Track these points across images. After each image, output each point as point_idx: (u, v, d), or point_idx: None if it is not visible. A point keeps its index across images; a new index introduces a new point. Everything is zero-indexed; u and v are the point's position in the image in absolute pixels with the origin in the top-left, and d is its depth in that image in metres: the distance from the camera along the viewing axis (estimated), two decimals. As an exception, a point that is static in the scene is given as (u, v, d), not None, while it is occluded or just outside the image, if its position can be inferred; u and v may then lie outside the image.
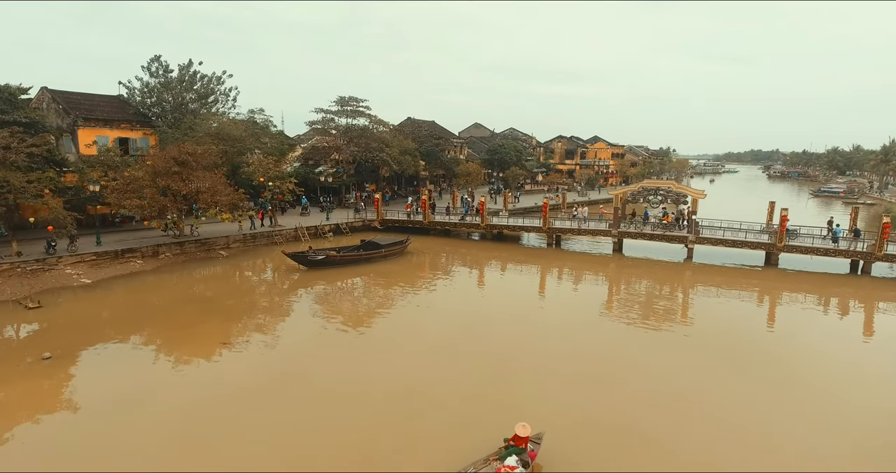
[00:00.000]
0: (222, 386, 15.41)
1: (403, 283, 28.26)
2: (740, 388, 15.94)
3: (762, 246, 31.44)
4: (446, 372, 16.70)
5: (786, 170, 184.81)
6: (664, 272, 32.09)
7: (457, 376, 16.40)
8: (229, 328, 20.62)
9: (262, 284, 28.20)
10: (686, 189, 35.17)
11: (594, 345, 19.46)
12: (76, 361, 17.35)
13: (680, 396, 15.31)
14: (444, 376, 16.42)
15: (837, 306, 26.69)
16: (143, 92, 46.57)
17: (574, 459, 12.14)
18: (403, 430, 13.25)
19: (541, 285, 29.26)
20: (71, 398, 15.01)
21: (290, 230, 38.46)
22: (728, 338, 20.24)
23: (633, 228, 34.72)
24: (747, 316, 23.64)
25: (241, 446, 12.34)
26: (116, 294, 25.02)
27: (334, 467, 11.64)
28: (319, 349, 18.93)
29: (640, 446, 12.68)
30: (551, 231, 36.75)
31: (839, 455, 12.57)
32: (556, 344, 19.29)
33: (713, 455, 12.44)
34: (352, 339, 19.68)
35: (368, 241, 32.72)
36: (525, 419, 12.00)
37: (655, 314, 23.62)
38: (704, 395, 15.47)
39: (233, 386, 15.42)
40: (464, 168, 54.59)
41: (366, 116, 50.89)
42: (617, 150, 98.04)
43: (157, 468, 11.49)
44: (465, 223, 39.64)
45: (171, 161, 30.67)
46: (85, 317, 21.52)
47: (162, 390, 15.21)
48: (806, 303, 26.43)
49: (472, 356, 17.98)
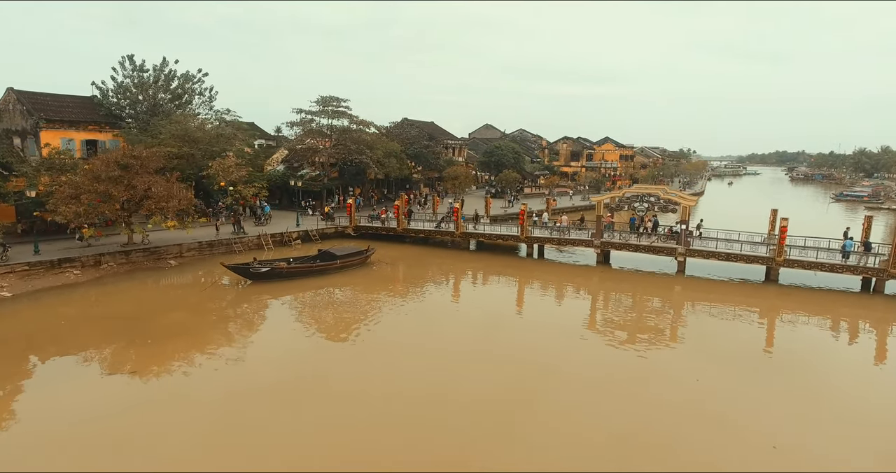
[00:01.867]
0: (108, 418, 13.03)
1: (349, 301, 25.71)
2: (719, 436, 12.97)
3: (759, 260, 28.04)
4: (363, 433, 13.93)
5: (809, 173, 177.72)
6: (651, 287, 28.95)
7: (381, 435, 13.71)
8: (137, 353, 18.26)
9: (188, 301, 25.08)
10: (677, 195, 31.87)
11: (558, 390, 16.57)
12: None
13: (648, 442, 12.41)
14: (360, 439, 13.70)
15: (844, 330, 23.31)
16: (117, 92, 45.01)
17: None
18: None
19: (516, 301, 26.35)
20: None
21: (253, 238, 36.19)
22: (716, 368, 17.22)
23: (619, 238, 31.57)
24: (740, 340, 20.47)
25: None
26: (32, 309, 22.93)
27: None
28: (222, 387, 16.44)
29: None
30: (530, 240, 33.80)
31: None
32: (513, 395, 16.46)
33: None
34: (259, 380, 17.14)
35: (325, 251, 30.23)
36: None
37: (632, 337, 20.59)
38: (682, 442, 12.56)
39: (122, 416, 12.99)
40: (451, 171, 51.76)
41: (347, 117, 48.52)
42: (626, 152, 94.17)
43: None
44: (440, 230, 36.91)
45: (112, 164, 28.64)
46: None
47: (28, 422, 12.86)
48: (808, 327, 23.13)
49: (407, 409, 15.25)
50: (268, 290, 26.30)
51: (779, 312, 25.37)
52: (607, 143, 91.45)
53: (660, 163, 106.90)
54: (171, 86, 46.16)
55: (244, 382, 16.13)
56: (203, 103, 47.72)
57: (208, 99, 47.64)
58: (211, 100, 47.88)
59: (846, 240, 27.26)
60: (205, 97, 47.41)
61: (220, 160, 35.79)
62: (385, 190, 60.30)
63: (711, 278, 30.11)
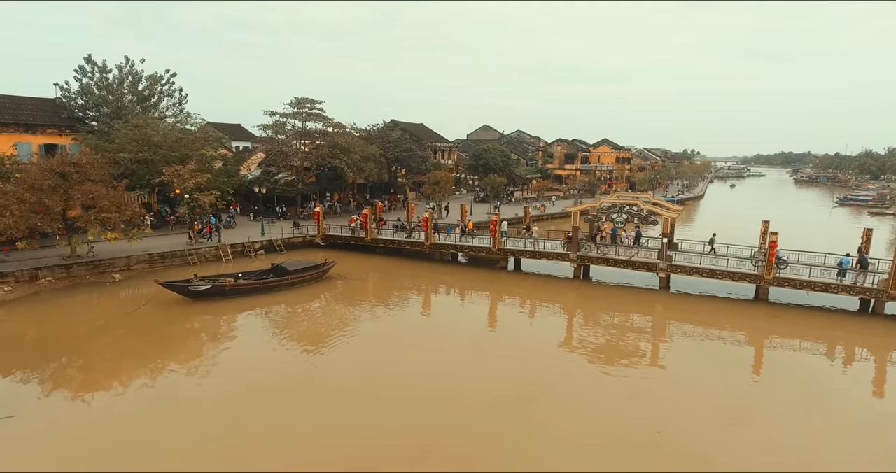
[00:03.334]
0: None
1: (290, 324, 23.51)
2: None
3: (747, 277, 25.64)
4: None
5: (814, 174, 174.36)
6: (629, 305, 26.62)
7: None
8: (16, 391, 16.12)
9: (107, 324, 22.65)
10: (658, 206, 29.49)
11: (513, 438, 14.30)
12: None
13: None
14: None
15: (839, 357, 20.90)
16: (80, 94, 43.02)
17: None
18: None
19: (481, 328, 23.99)
20: None
21: (211, 249, 34.07)
22: (689, 405, 14.88)
23: (597, 251, 29.22)
24: (718, 376, 18.12)
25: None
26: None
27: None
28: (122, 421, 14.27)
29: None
30: (503, 253, 31.51)
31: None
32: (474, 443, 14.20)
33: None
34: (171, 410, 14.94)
35: (278, 265, 28.05)
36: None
37: (598, 370, 18.29)
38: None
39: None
40: (432, 175, 49.45)
41: (321, 119, 46.35)
42: (623, 154, 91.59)
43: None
44: (410, 241, 34.65)
45: (48, 173, 26.61)
46: None
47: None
48: (798, 353, 20.75)
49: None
50: (207, 310, 24.16)
51: (767, 336, 23.04)
52: (603, 145, 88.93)
53: (659, 166, 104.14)
54: (137, 87, 44.21)
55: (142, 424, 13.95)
56: (173, 105, 45.82)
57: (178, 101, 45.69)
58: (180, 102, 45.94)
59: (843, 257, 24.78)
60: (174, 99, 45.45)
61: (175, 166, 33.61)
62: (367, 195, 58.15)
63: (697, 294, 27.79)
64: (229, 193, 40.87)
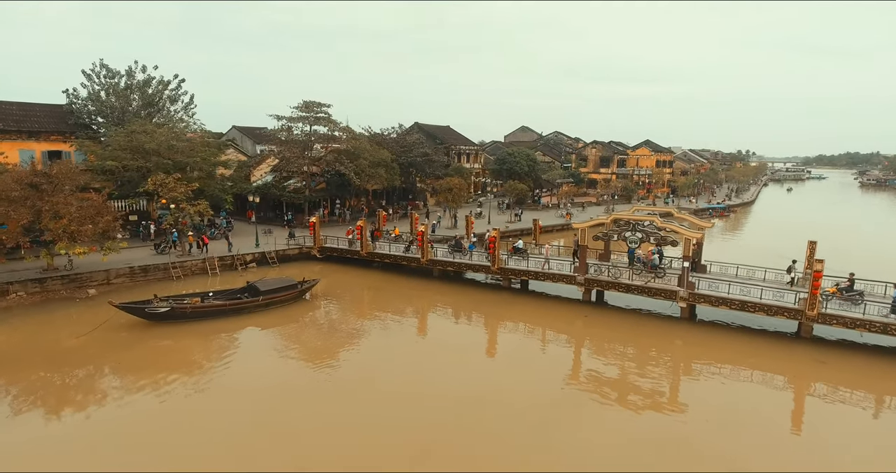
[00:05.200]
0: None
1: (245, 360, 21.08)
2: None
3: (786, 312, 21.36)
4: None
5: (883, 178, 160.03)
6: (645, 338, 22.83)
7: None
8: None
9: (55, 350, 20.63)
10: (682, 221, 25.46)
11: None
12: None
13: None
14: None
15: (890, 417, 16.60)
16: (88, 100, 42.60)
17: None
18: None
19: (477, 363, 20.85)
20: None
21: (198, 261, 32.35)
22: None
23: (608, 274, 25.48)
24: (753, 434, 14.36)
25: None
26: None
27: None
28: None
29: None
30: (504, 273, 28.21)
31: None
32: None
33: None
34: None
35: (252, 284, 25.82)
36: None
37: (592, 427, 14.89)
38: None
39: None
40: (445, 182, 46.38)
41: (327, 123, 44.24)
42: (664, 157, 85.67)
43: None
44: (406, 256, 31.83)
45: (15, 184, 25.35)
46: None
47: None
48: (848, 412, 16.62)
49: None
50: (166, 334, 22.13)
51: (809, 386, 18.95)
52: (642, 148, 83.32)
53: (705, 169, 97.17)
54: (147, 92, 43.43)
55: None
56: (181, 110, 44.86)
57: (184, 106, 44.67)
58: (187, 108, 44.91)
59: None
60: (180, 104, 44.46)
61: (161, 175, 32.09)
62: (383, 201, 55.81)
63: (725, 326, 23.69)
64: (228, 201, 39.36)
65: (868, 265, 31.22)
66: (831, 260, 23.42)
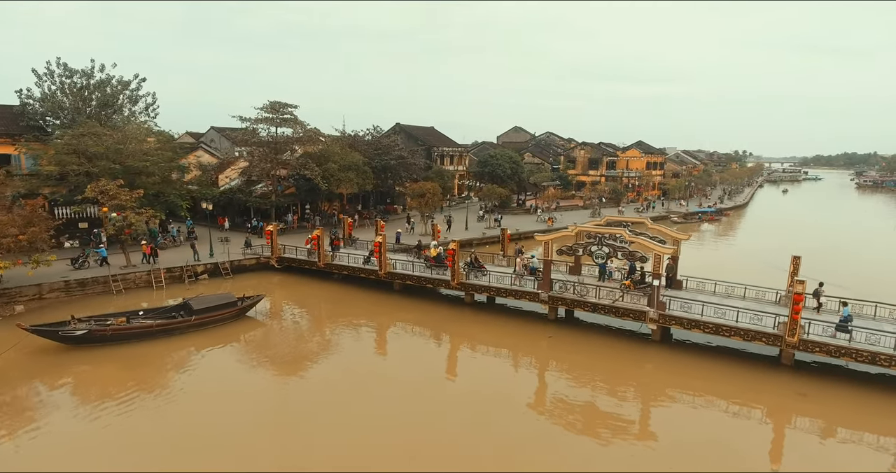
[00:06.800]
0: None
1: (161, 391, 18.92)
2: None
3: (764, 337, 19.29)
4: None
5: (880, 179, 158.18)
6: (612, 362, 20.83)
7: None
8: None
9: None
10: (653, 236, 23.38)
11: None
12: None
13: None
14: None
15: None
16: (42, 100, 40.41)
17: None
18: None
19: (424, 401, 18.77)
20: None
21: (142, 273, 30.19)
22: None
23: (574, 292, 23.38)
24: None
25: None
26: None
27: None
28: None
29: None
30: (464, 288, 26.12)
31: None
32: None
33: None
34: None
35: (187, 301, 23.69)
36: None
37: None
38: None
39: None
40: (417, 187, 44.16)
41: (294, 125, 42.11)
42: (654, 159, 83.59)
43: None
44: (364, 269, 29.73)
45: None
46: None
47: None
48: (832, 449, 14.60)
49: None
50: (85, 359, 20.05)
51: (789, 420, 16.96)
52: (632, 149, 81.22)
53: (697, 171, 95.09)
54: (106, 91, 41.26)
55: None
56: (142, 112, 42.70)
57: (145, 107, 42.51)
58: (148, 108, 42.76)
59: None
60: (140, 105, 42.29)
61: (100, 181, 29.92)
62: (359, 206, 53.66)
63: (702, 348, 21.67)
64: (183, 208, 37.21)
65: (858, 280, 29.18)
66: (820, 274, 21.38)
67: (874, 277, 34.93)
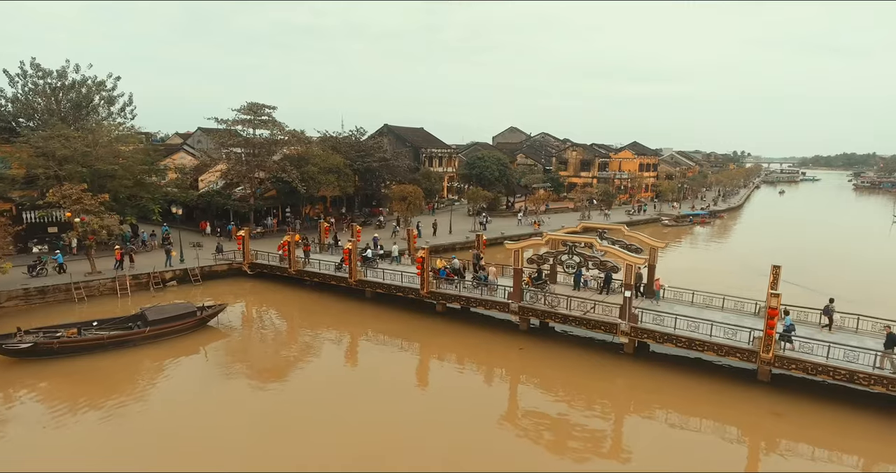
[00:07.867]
0: None
1: (105, 413, 18.00)
2: None
3: (738, 352, 18.39)
4: None
5: (877, 180, 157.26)
6: (583, 377, 19.99)
7: None
8: None
9: None
10: (628, 244, 22.47)
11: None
12: None
13: None
14: None
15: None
16: (13, 101, 39.55)
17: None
18: None
19: (391, 420, 17.85)
20: None
21: (107, 280, 29.29)
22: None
23: (545, 302, 22.49)
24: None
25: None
26: None
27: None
28: None
29: None
30: (435, 297, 25.23)
31: None
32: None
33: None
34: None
35: (143, 311, 22.79)
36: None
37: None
38: None
39: None
40: (399, 190, 43.24)
41: (272, 126, 41.23)
42: (648, 160, 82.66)
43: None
44: (335, 276, 28.84)
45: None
46: None
47: None
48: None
49: None
50: (33, 373, 19.18)
51: (764, 442, 16.09)
52: (625, 151, 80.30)
53: (692, 173, 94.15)
54: (81, 93, 40.37)
55: None
56: (117, 113, 41.79)
57: (121, 107, 41.61)
58: (125, 109, 41.86)
59: (891, 331, 17.21)
60: (116, 106, 41.40)
61: (63, 186, 29.02)
62: (343, 208, 52.75)
63: (677, 361, 20.76)
64: (155, 212, 36.35)
65: (845, 286, 28.27)
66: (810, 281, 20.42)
67: (858, 283, 34.09)
